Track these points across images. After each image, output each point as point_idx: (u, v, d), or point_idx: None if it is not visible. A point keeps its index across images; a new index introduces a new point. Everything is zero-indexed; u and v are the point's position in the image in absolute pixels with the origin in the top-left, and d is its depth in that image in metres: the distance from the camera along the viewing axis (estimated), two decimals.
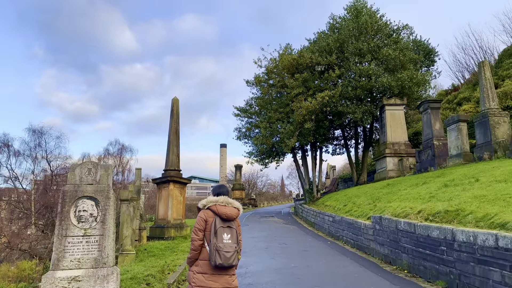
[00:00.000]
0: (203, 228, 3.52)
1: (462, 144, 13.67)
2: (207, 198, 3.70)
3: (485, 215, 5.50)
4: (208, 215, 3.55)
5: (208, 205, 3.61)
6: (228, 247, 3.39)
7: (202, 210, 3.64)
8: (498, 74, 21.37)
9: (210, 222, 3.50)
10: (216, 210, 3.53)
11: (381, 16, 23.19)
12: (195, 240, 3.52)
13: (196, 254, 3.53)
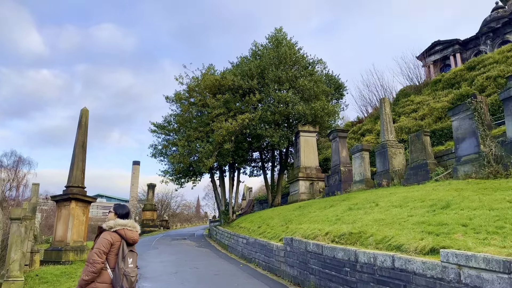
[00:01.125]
0: (108, 251, 3.42)
1: (364, 171, 14.94)
2: (115, 221, 3.57)
3: (384, 238, 5.97)
4: (115, 239, 3.47)
5: (116, 228, 3.52)
6: (132, 272, 3.42)
7: (108, 232, 3.49)
8: (395, 110, 24.12)
9: (117, 246, 3.44)
10: (124, 235, 3.49)
11: (299, 49, 24.77)
12: (98, 263, 3.32)
13: (95, 277, 3.34)
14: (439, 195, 8.05)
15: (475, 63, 23.35)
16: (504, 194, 6.77)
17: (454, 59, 34.03)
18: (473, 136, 10.23)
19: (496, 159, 9.25)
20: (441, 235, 5.32)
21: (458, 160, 10.57)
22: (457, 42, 34.25)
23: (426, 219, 6.35)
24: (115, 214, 3.66)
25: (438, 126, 17.64)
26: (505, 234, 4.66)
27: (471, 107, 10.44)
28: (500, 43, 31.01)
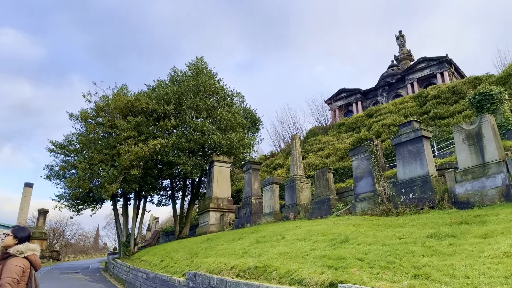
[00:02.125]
0: (20, 279, 3.07)
1: (274, 203, 15.25)
2: (24, 245, 3.18)
3: (287, 272, 5.97)
4: (26, 265, 3.12)
5: (27, 254, 3.16)
6: None
7: (18, 258, 3.09)
8: (305, 147, 25.58)
9: (28, 274, 3.12)
10: (34, 261, 3.18)
11: (219, 80, 25.12)
12: None
13: None
14: (339, 229, 8.47)
15: (373, 111, 26.20)
16: (394, 231, 7.37)
17: (356, 106, 37.81)
18: (369, 176, 11.18)
19: (388, 198, 10.17)
20: (339, 269, 5.49)
21: (356, 197, 11.39)
22: (359, 91, 38.27)
23: (327, 253, 6.55)
24: (14, 238, 3.20)
25: (341, 165, 19.07)
26: (395, 269, 4.98)
27: (368, 149, 11.47)
28: (394, 96, 35.51)
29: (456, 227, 6.70)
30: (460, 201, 8.51)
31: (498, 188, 7.89)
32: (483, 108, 12.75)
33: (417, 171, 9.91)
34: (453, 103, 21.07)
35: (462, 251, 5.18)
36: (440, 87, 23.70)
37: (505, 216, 6.47)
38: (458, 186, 8.72)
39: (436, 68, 33.11)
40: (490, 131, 8.47)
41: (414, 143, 10.19)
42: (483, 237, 5.70)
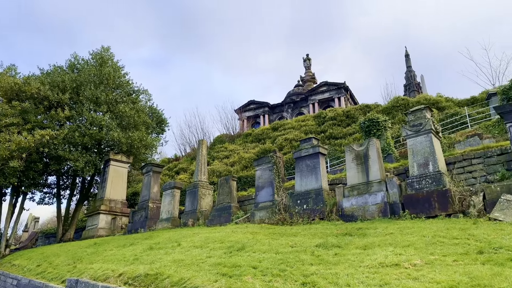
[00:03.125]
0: None
1: (173, 209, 14.78)
2: None
3: (180, 279, 5.77)
4: None
5: None
6: None
7: None
8: (211, 154, 25.52)
9: None
10: None
11: (125, 73, 23.65)
12: None
13: None
14: (237, 237, 8.55)
15: (278, 125, 27.51)
16: (288, 240, 7.72)
17: (263, 119, 39.30)
18: (270, 186, 11.60)
19: (285, 208, 10.66)
20: (233, 277, 5.50)
21: (256, 206, 11.70)
22: (267, 105, 39.93)
23: (222, 261, 6.53)
24: None
25: (244, 174, 19.48)
26: (286, 276, 5.17)
27: (272, 160, 11.92)
28: (298, 113, 37.89)
29: (341, 238, 7.30)
30: (346, 214, 9.34)
31: (378, 205, 8.88)
32: (371, 133, 14.35)
33: (312, 184, 10.63)
34: (346, 125, 23.31)
35: (345, 261, 5.63)
36: (337, 110, 26.03)
37: (382, 230, 7.28)
38: (345, 201, 9.58)
39: (335, 93, 36.36)
40: (376, 153, 9.54)
41: (312, 158, 10.93)
42: (363, 248, 6.29)
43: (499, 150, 8.97)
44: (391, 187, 8.95)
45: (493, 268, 4.39)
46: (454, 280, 4.17)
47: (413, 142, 9.11)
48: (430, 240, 6.04)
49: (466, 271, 4.43)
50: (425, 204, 8.23)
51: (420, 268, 4.83)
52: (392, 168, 10.67)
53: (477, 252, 5.14)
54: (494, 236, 5.74)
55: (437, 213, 8.02)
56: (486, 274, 4.20)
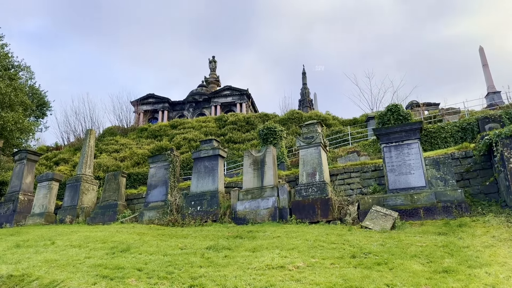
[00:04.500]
0: None
1: (48, 203, 13.17)
2: None
3: (52, 281, 5.12)
4: None
5: None
6: None
7: None
8: (99, 146, 23.55)
9: None
10: None
11: (4, 44, 20.45)
12: None
13: None
14: (122, 237, 8.01)
15: (177, 124, 26.87)
16: (177, 241, 7.52)
17: (162, 114, 37.96)
18: (164, 185, 11.20)
19: (178, 208, 10.39)
20: (115, 279, 5.12)
21: (146, 206, 11.15)
22: (168, 101, 38.73)
23: (104, 262, 6.02)
24: None
25: (136, 170, 18.43)
26: (173, 279, 5.01)
27: (168, 158, 11.54)
28: (199, 114, 37.60)
29: (232, 240, 7.41)
30: (239, 217, 9.54)
31: (269, 209, 9.29)
32: (268, 141, 15.01)
33: (209, 186, 10.60)
34: (246, 131, 24.00)
35: (234, 263, 5.72)
36: (238, 115, 26.65)
37: (270, 233, 7.61)
38: (239, 204, 9.78)
39: (238, 98, 37.20)
40: (272, 160, 9.99)
41: (211, 160, 10.91)
42: (252, 250, 6.47)
43: (373, 167, 10.25)
44: (282, 193, 9.46)
45: (363, 271, 4.93)
46: (331, 282, 4.56)
47: (305, 152, 9.80)
48: (312, 244, 6.52)
49: (341, 273, 4.89)
50: (310, 210, 8.90)
51: (303, 270, 5.16)
52: (284, 176, 11.30)
53: (350, 256, 5.72)
54: (365, 242, 6.48)
55: (319, 219, 8.74)
56: (357, 277, 4.69)
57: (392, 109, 14.57)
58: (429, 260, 5.30)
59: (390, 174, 9.05)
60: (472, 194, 8.77)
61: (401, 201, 8.43)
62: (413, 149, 9.02)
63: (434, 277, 4.58)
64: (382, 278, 4.58)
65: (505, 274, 4.58)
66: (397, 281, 4.45)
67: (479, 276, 4.54)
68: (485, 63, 26.09)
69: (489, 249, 5.65)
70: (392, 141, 9.32)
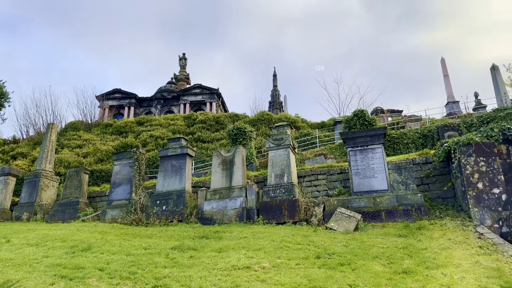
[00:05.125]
0: None
1: (4, 199, 12.49)
2: None
3: (6, 281, 4.85)
4: None
5: None
6: None
7: None
8: (60, 141, 22.58)
9: None
10: None
11: None
12: None
13: None
14: (83, 236, 7.74)
15: (144, 120, 26.26)
16: (141, 241, 7.35)
17: (128, 110, 36.96)
18: (129, 183, 10.91)
19: (142, 208, 10.15)
20: (75, 279, 4.93)
21: (109, 204, 10.82)
22: (135, 97, 37.77)
23: (63, 262, 5.79)
24: None
25: (99, 167, 17.83)
26: (136, 279, 4.89)
27: (134, 156, 11.25)
28: (167, 111, 36.94)
29: (198, 240, 7.34)
30: (206, 217, 9.46)
31: (236, 209, 9.28)
32: (237, 141, 15.00)
33: (175, 185, 10.44)
34: (215, 131, 23.85)
35: (200, 264, 5.67)
36: (208, 115, 26.44)
37: (237, 234, 7.61)
38: (206, 204, 9.70)
39: (208, 97, 36.90)
40: (241, 160, 9.99)
41: (179, 159, 10.75)
42: (218, 251, 6.44)
43: (339, 170, 10.50)
44: (250, 194, 9.48)
45: (327, 272, 5.04)
46: (295, 282, 4.63)
47: (274, 154, 9.88)
48: (278, 245, 6.59)
49: (306, 274, 4.97)
50: (277, 211, 8.98)
51: (268, 270, 5.20)
52: (253, 176, 11.33)
53: (315, 257, 5.83)
54: (329, 243, 6.63)
55: (286, 220, 8.84)
56: (321, 277, 4.78)
57: (358, 114, 15.00)
58: (389, 261, 5.49)
59: (355, 177, 9.30)
60: (431, 198, 9.18)
61: (365, 204, 8.69)
62: (377, 154, 9.33)
63: (394, 277, 4.75)
64: (345, 279, 4.70)
65: (459, 275, 4.83)
66: (359, 282, 4.59)
67: (435, 277, 4.77)
68: (446, 74, 27.41)
69: (445, 251, 5.94)
70: (357, 145, 9.59)
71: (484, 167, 8.02)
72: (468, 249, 6.01)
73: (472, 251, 5.89)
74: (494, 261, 5.34)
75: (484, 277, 4.73)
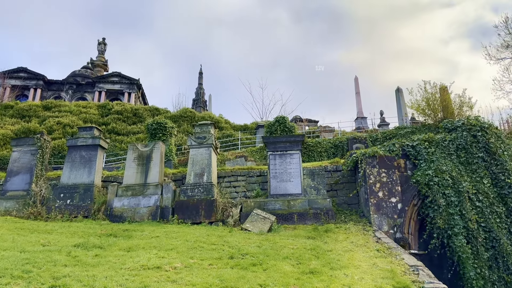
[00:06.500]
0: None
1: None
2: None
3: None
4: None
5: None
6: None
7: None
8: None
9: None
10: None
11: None
12: None
13: None
14: None
15: (52, 105, 23.84)
16: (39, 237, 6.65)
17: (34, 93, 33.26)
18: (29, 173, 9.78)
19: (43, 200, 9.18)
20: None
21: (4, 194, 9.58)
22: (43, 78, 34.15)
23: None
24: None
25: None
26: (31, 279, 4.40)
27: (37, 143, 10.14)
28: (79, 98, 34.06)
29: (105, 238, 6.87)
30: (115, 214, 8.90)
31: (150, 208, 8.90)
32: (156, 136, 14.43)
33: (83, 178, 9.63)
34: (132, 123, 22.65)
35: (106, 263, 5.30)
36: (125, 106, 25.00)
37: (149, 233, 7.30)
38: (117, 200, 9.13)
39: (127, 87, 34.94)
40: (159, 156, 9.62)
41: (89, 150, 9.95)
42: (127, 250, 6.10)
43: (258, 172, 10.74)
44: (166, 192, 9.17)
45: (239, 272, 5.09)
46: (207, 283, 4.58)
47: (195, 152, 9.72)
48: (192, 245, 6.47)
49: (218, 274, 4.95)
50: (193, 211, 8.84)
51: (180, 271, 5.07)
52: (171, 174, 10.98)
53: (228, 257, 5.85)
54: (243, 243, 6.71)
55: (202, 220, 8.74)
56: (233, 277, 4.81)
57: (280, 120, 15.56)
58: (298, 261, 5.76)
59: (272, 180, 9.60)
60: (338, 203, 9.89)
61: (280, 206, 9.02)
62: (294, 159, 9.76)
63: (301, 277, 4.99)
64: (256, 279, 4.80)
65: (359, 276, 5.26)
66: (269, 282, 4.72)
67: (338, 277, 5.12)
68: (358, 91, 29.90)
69: (348, 253, 6.43)
70: (277, 150, 9.92)
71: (385, 178, 8.90)
72: (367, 252, 6.58)
73: (370, 254, 6.47)
74: (389, 263, 5.94)
75: (380, 277, 5.22)
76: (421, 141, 9.29)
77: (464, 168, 9.03)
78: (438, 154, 9.07)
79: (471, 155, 9.15)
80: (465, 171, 8.97)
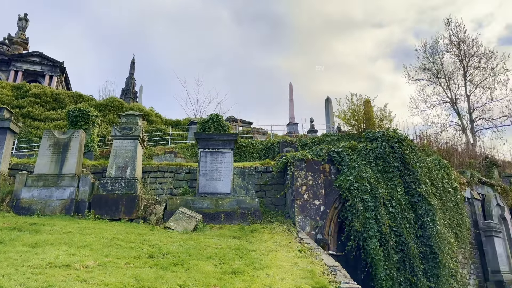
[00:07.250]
0: None
1: None
2: None
3: None
4: None
5: None
6: None
7: None
8: None
9: None
10: None
11: None
12: None
13: None
14: None
15: None
16: None
17: None
18: None
19: None
20: None
21: None
22: None
23: None
24: None
25: None
26: None
27: None
28: None
29: (7, 232, 6.12)
30: (22, 206, 7.96)
31: (64, 201, 8.12)
32: (77, 124, 13.31)
33: None
34: (52, 109, 20.71)
35: (5, 259, 4.71)
36: (45, 89, 22.80)
37: (60, 228, 6.65)
38: (25, 191, 8.19)
39: (48, 70, 31.93)
40: (78, 146, 8.83)
41: None
42: (32, 246, 5.49)
43: (187, 169, 10.41)
44: (84, 185, 8.45)
45: (158, 272, 4.82)
46: (121, 283, 4.26)
47: (119, 144, 9.11)
48: (108, 242, 6.02)
49: (134, 273, 4.64)
50: (113, 206, 8.26)
51: (92, 270, 4.67)
52: (90, 166, 10.15)
53: (148, 256, 5.54)
54: (165, 242, 6.42)
55: (122, 216, 8.20)
56: (151, 277, 4.54)
57: (214, 118, 15.35)
58: (221, 261, 5.65)
59: (202, 178, 9.38)
60: (266, 204, 9.99)
61: (207, 205, 8.83)
62: (226, 158, 9.65)
63: (223, 277, 4.89)
64: (176, 279, 4.59)
65: (280, 276, 5.31)
66: (189, 282, 4.54)
67: (260, 277, 5.11)
68: (291, 98, 30.81)
69: (271, 253, 6.49)
70: (209, 147, 9.72)
71: (311, 181, 9.20)
72: (290, 252, 6.71)
73: (292, 254, 6.60)
74: (309, 263, 6.10)
75: (300, 277, 5.32)
76: (345, 148, 9.79)
77: (381, 175, 9.71)
78: (359, 161, 9.63)
79: (388, 164, 9.87)
80: (382, 179, 9.64)
